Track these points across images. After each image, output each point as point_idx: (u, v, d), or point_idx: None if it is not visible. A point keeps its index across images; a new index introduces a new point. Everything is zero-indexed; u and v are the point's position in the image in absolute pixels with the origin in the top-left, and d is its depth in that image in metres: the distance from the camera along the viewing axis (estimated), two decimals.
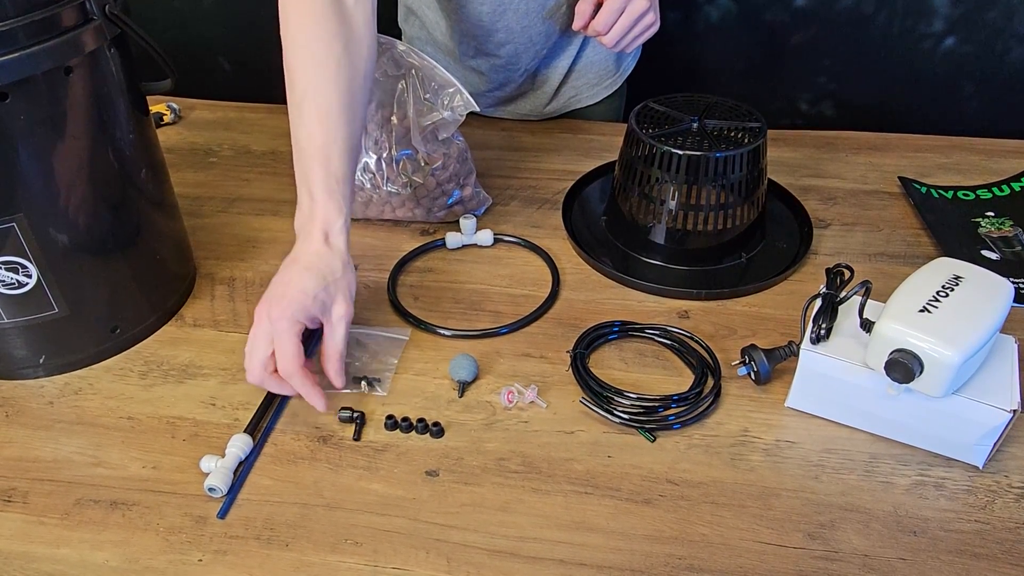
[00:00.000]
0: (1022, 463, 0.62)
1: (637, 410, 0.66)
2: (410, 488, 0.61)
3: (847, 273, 0.66)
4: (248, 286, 0.82)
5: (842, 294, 0.64)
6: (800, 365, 0.64)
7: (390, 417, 0.66)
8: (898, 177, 0.96)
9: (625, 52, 0.89)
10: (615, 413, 0.65)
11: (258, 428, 0.66)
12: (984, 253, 0.83)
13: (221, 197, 0.96)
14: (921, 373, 0.57)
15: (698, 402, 0.66)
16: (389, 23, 1.08)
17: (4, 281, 0.65)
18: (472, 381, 0.70)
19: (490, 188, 0.95)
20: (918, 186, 0.94)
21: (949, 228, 0.87)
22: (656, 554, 0.56)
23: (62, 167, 0.63)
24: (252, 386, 0.67)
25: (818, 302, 0.65)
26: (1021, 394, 0.59)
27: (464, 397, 0.69)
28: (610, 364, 0.72)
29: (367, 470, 0.62)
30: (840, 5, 1.21)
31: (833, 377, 0.63)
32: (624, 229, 0.86)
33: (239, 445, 0.63)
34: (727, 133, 0.80)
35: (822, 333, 0.63)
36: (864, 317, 0.62)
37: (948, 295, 0.60)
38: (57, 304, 0.67)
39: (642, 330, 0.74)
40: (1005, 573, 0.54)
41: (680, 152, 0.77)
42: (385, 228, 0.90)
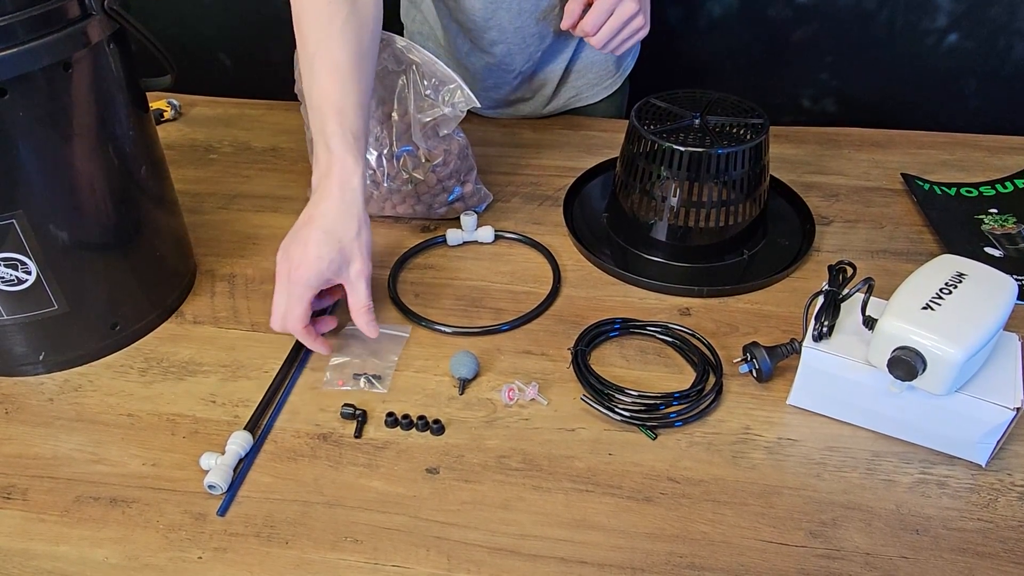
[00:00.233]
0: None
1: (638, 407, 0.66)
2: (410, 486, 0.61)
3: (850, 270, 0.66)
4: (248, 283, 0.82)
5: (844, 291, 0.64)
6: (802, 362, 0.64)
7: (390, 414, 0.65)
8: (901, 174, 0.96)
9: (614, 53, 0.89)
10: (616, 410, 0.65)
11: (258, 425, 0.66)
12: (987, 250, 0.83)
13: (221, 193, 0.96)
14: (924, 371, 0.57)
15: (699, 400, 0.66)
16: (391, 20, 1.08)
17: (4, 278, 0.64)
18: (473, 378, 0.69)
19: (491, 185, 0.95)
20: (921, 183, 0.94)
21: (952, 225, 0.86)
22: (657, 552, 0.56)
23: (62, 164, 0.63)
24: (252, 383, 0.70)
25: (820, 299, 0.65)
26: None
27: (465, 394, 0.68)
28: (611, 361, 0.71)
29: (367, 467, 0.62)
30: (842, 1, 1.21)
31: (835, 375, 0.63)
32: (625, 226, 0.86)
33: (239, 442, 0.63)
34: (729, 129, 0.80)
35: (824, 330, 0.62)
36: (867, 314, 0.62)
37: (951, 292, 0.59)
38: (57, 301, 0.67)
39: (643, 327, 0.74)
40: (1008, 572, 0.54)
41: (682, 149, 0.77)
42: (386, 225, 0.90)
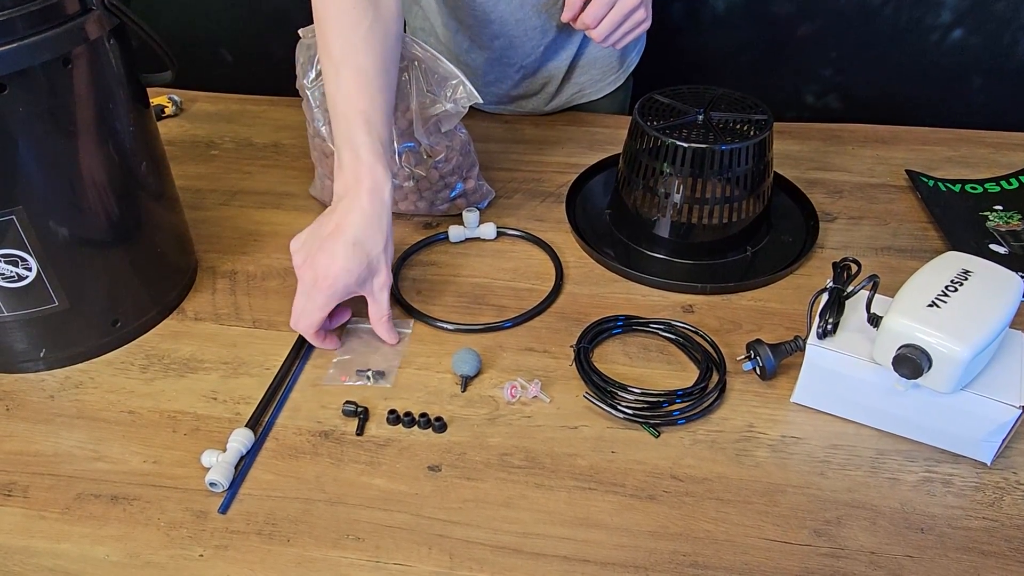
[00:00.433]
0: None
1: (641, 405, 0.66)
2: (412, 483, 0.60)
3: (854, 267, 0.66)
4: (250, 279, 0.81)
5: (849, 288, 0.64)
6: (806, 360, 0.64)
7: (392, 412, 0.65)
8: (905, 170, 0.96)
9: (614, 47, 0.88)
10: (619, 408, 0.65)
11: (260, 422, 0.65)
12: (992, 247, 0.82)
13: (223, 190, 0.96)
14: (929, 369, 0.56)
15: (703, 397, 0.66)
16: None
17: (4, 274, 0.64)
18: (475, 376, 0.69)
19: (493, 181, 0.94)
20: (925, 179, 0.93)
21: (957, 222, 0.86)
22: (660, 550, 0.55)
23: (62, 160, 0.63)
24: (254, 380, 0.70)
25: (825, 296, 0.64)
26: None
27: (467, 392, 0.68)
28: (614, 359, 0.71)
29: (369, 465, 0.62)
30: None
31: (839, 372, 0.62)
32: (628, 223, 0.85)
33: (240, 440, 0.62)
34: (733, 126, 0.79)
35: (829, 328, 0.62)
36: (872, 312, 0.61)
37: (957, 290, 0.59)
38: (57, 297, 0.67)
39: (646, 324, 0.74)
40: (1014, 571, 0.54)
41: (685, 145, 0.76)
42: None
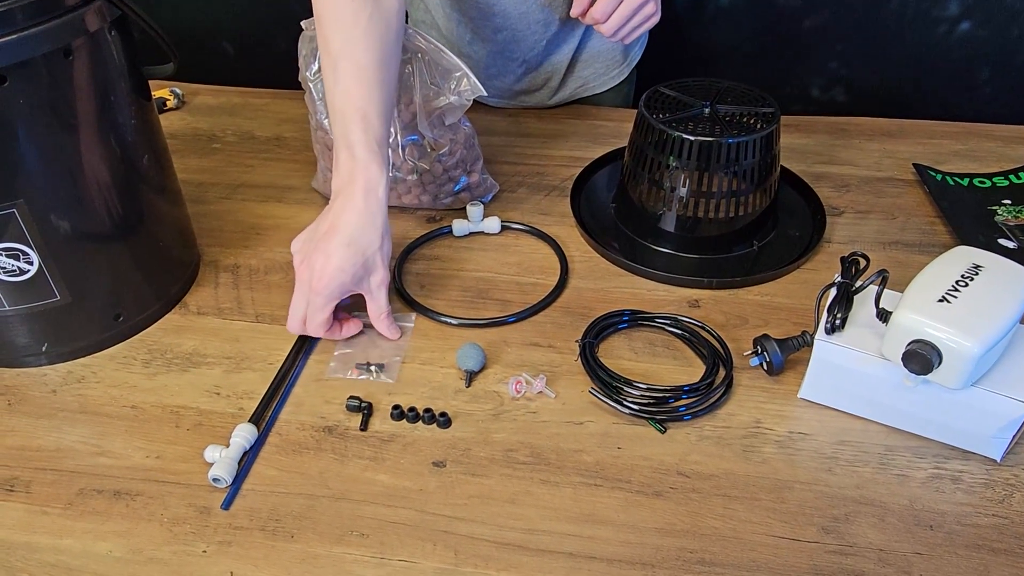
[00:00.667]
0: None
1: (647, 401, 0.65)
2: (417, 479, 0.60)
3: (863, 262, 0.65)
4: (252, 273, 0.81)
5: (858, 283, 0.63)
6: (814, 355, 0.63)
7: (396, 407, 0.65)
8: (913, 164, 0.95)
9: (623, 42, 0.87)
10: (625, 404, 0.64)
11: (263, 417, 0.65)
12: (1001, 242, 0.81)
13: (225, 183, 0.95)
14: (939, 364, 0.56)
15: (709, 393, 0.65)
16: None
17: (5, 268, 0.64)
18: (479, 371, 0.69)
19: (497, 175, 0.94)
20: (933, 173, 0.92)
21: (965, 216, 0.85)
22: (667, 547, 0.55)
23: (63, 152, 0.62)
24: (257, 375, 0.69)
25: (833, 291, 0.64)
26: None
27: (471, 387, 0.68)
28: (619, 354, 0.70)
29: (373, 460, 0.61)
30: None
31: (848, 368, 0.62)
32: (633, 216, 0.85)
33: (243, 435, 0.62)
34: (739, 118, 0.78)
35: (837, 323, 0.61)
36: (880, 307, 0.61)
37: (968, 285, 0.58)
38: (59, 291, 0.66)
39: (652, 319, 0.73)
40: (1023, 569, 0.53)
41: (691, 138, 0.76)
42: (391, 215, 0.87)
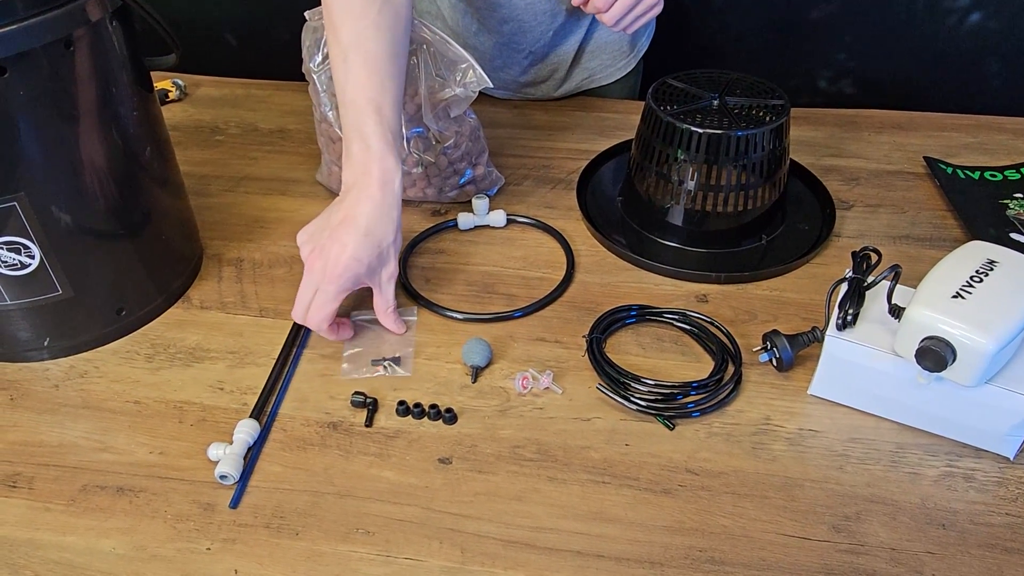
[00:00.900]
0: None
1: (655, 397, 0.64)
2: (422, 476, 0.59)
3: (874, 257, 0.64)
4: (256, 267, 0.80)
5: (870, 279, 0.62)
6: (825, 351, 0.62)
7: (402, 403, 0.64)
8: (923, 157, 0.94)
9: (626, 32, 0.86)
10: (632, 400, 0.63)
11: (263, 412, 0.64)
12: (1013, 236, 0.80)
13: (228, 176, 0.94)
14: (954, 361, 0.55)
15: (718, 389, 0.65)
16: None
17: (6, 262, 0.63)
18: (485, 366, 0.68)
19: (503, 167, 0.93)
20: (944, 166, 0.91)
21: (976, 210, 0.84)
22: (676, 546, 0.54)
23: (64, 145, 0.62)
24: (261, 370, 0.69)
25: (844, 287, 0.63)
26: None
27: (477, 382, 0.67)
28: (627, 349, 0.70)
29: (378, 457, 0.61)
30: None
31: (859, 364, 0.61)
32: (641, 210, 0.84)
33: (246, 430, 0.61)
34: (748, 111, 0.77)
35: (848, 319, 0.61)
36: (893, 303, 0.60)
37: (982, 280, 0.57)
38: (61, 285, 0.66)
39: (660, 314, 0.72)
40: None
41: (700, 130, 0.75)
42: None
